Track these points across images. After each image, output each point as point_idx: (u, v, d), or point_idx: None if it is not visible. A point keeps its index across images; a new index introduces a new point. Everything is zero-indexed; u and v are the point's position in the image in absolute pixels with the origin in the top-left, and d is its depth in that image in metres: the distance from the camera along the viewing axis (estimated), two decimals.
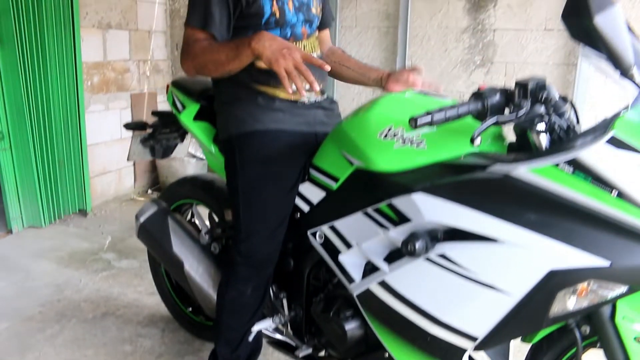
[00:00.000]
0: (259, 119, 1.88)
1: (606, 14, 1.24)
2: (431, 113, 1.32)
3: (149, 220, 2.27)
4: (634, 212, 1.23)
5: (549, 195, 1.30)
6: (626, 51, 1.26)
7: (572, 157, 1.27)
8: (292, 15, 1.89)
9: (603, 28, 1.24)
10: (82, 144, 4.11)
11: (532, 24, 4.17)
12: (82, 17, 4.01)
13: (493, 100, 1.39)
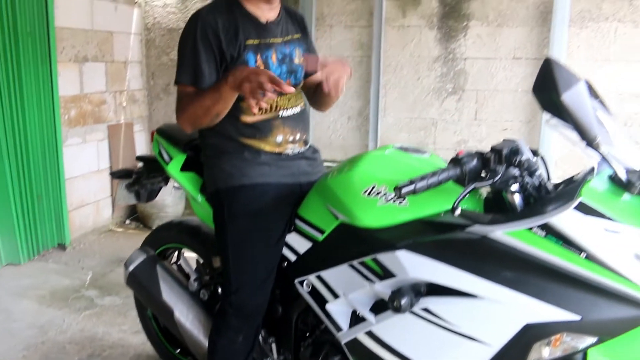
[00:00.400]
0: (246, 173, 1.95)
1: (572, 91, 1.35)
2: (414, 182, 1.41)
3: (138, 269, 2.31)
4: (601, 272, 1.33)
5: (524, 256, 1.40)
6: (591, 124, 1.37)
7: (544, 222, 1.38)
8: (275, 67, 1.96)
9: (570, 104, 1.35)
10: (60, 178, 4.11)
11: (501, 53, 4.33)
12: (59, 51, 4.04)
13: (470, 166, 1.49)
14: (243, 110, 1.94)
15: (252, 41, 1.91)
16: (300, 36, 2.10)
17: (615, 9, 4.09)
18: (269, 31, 1.96)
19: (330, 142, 4.76)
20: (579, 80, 1.38)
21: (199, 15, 1.88)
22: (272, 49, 1.95)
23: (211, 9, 1.90)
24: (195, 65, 1.84)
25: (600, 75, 4.19)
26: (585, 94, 1.38)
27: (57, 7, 3.95)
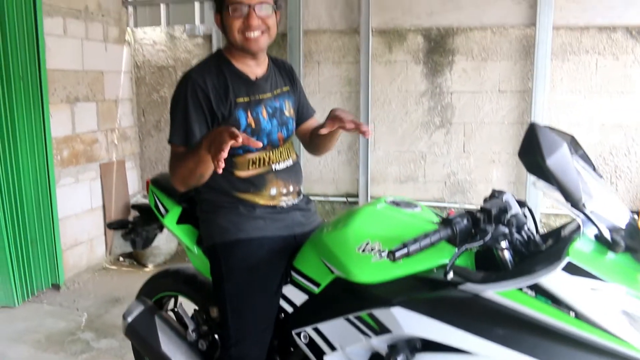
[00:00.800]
0: (242, 228, 1.99)
1: (556, 156, 1.41)
2: (407, 245, 1.46)
3: (136, 320, 2.33)
4: (590, 330, 1.38)
5: (516, 314, 1.45)
6: (575, 187, 1.43)
7: (533, 282, 1.43)
8: (266, 122, 2.02)
9: (554, 169, 1.41)
10: (53, 218, 4.14)
11: (487, 86, 4.42)
12: (51, 93, 4.08)
13: (461, 226, 1.54)
14: (237, 165, 1.99)
15: (242, 99, 1.96)
16: (289, 88, 2.16)
17: (594, 43, 4.19)
18: (258, 87, 2.02)
19: (322, 177, 4.81)
20: (562, 144, 1.43)
21: (189, 76, 1.93)
22: (262, 105, 2.01)
23: (201, 70, 1.96)
24: (186, 125, 1.90)
25: (584, 107, 4.29)
26: (568, 157, 1.43)
27: (48, 49, 4.01)
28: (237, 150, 1.96)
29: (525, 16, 4.26)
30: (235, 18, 1.88)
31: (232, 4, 1.87)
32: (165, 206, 2.32)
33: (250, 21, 1.87)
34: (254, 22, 1.88)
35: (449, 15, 4.39)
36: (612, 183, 4.32)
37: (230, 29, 1.91)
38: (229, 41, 1.97)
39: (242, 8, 1.87)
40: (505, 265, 1.60)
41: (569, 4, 4.19)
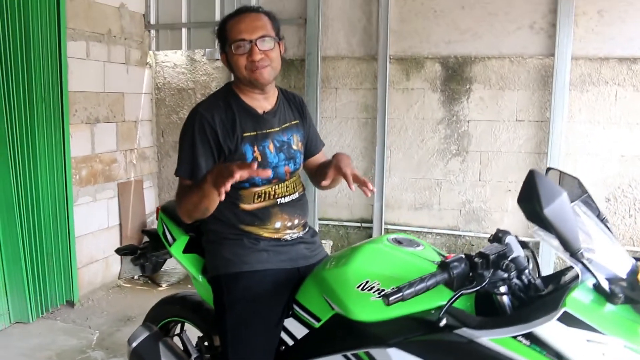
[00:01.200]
0: (246, 260, 2.01)
1: (555, 205, 1.40)
2: (402, 290, 1.46)
3: (141, 346, 2.36)
4: None
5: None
6: (574, 236, 1.42)
7: (528, 332, 1.41)
8: (273, 156, 2.04)
9: (552, 218, 1.40)
10: (70, 236, 4.20)
11: (504, 115, 4.40)
12: (72, 114, 4.17)
13: (459, 270, 1.53)
14: (242, 198, 2.02)
15: (248, 133, 1.99)
16: (298, 122, 2.18)
17: (614, 74, 4.16)
18: (265, 122, 2.04)
19: (337, 202, 4.83)
20: (561, 192, 1.42)
21: (197, 111, 1.98)
22: (269, 139, 2.04)
23: (209, 105, 2.00)
24: (193, 160, 1.93)
25: (603, 138, 4.24)
26: (567, 206, 1.42)
27: (70, 72, 4.10)
28: (244, 184, 1.98)
29: (544, 46, 4.25)
30: (239, 55, 1.93)
31: (235, 42, 1.92)
32: (173, 234, 2.35)
33: (254, 56, 1.92)
34: (257, 57, 1.92)
35: (466, 44, 4.39)
36: (631, 216, 4.26)
37: (236, 66, 1.96)
38: (237, 77, 2.01)
39: (244, 44, 1.92)
40: (503, 311, 1.59)
41: (589, 35, 4.16)
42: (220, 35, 2.00)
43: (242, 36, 1.92)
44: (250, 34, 1.92)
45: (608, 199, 4.29)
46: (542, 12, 4.23)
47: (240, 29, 1.93)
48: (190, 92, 5.12)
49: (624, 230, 4.29)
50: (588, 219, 1.65)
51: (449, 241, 4.64)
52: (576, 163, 4.31)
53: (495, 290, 1.58)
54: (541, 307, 1.47)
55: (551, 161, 4.24)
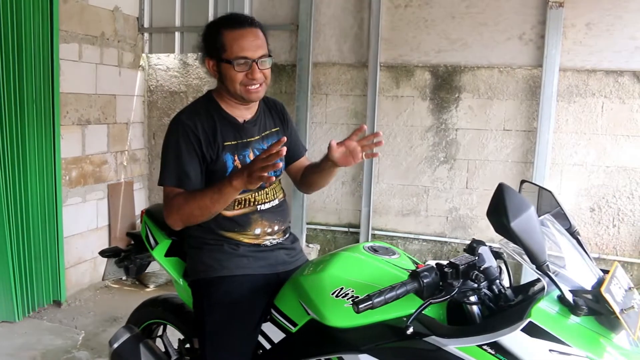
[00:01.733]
0: (225, 265, 2.04)
1: (522, 219, 1.44)
2: (372, 298, 1.49)
3: (122, 347, 2.39)
4: None
5: None
6: (540, 249, 1.46)
7: (492, 341, 1.45)
8: None
9: (519, 231, 1.43)
10: (58, 236, 4.22)
11: (492, 124, 4.45)
12: (63, 115, 4.19)
13: (429, 280, 1.56)
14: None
15: (229, 142, 2.02)
16: (279, 129, 2.22)
17: (601, 86, 4.21)
18: (246, 131, 2.08)
19: (325, 206, 4.86)
20: (529, 207, 1.46)
21: (180, 120, 1.99)
22: (250, 148, 2.07)
23: (191, 113, 2.02)
24: (179, 168, 1.95)
25: (589, 148, 4.29)
26: (534, 220, 1.46)
27: (62, 74, 4.13)
28: None
29: (533, 57, 4.30)
30: (239, 72, 1.93)
31: (237, 58, 1.92)
32: (156, 238, 2.38)
33: (255, 75, 1.94)
34: (257, 76, 1.95)
35: (456, 54, 4.44)
36: (615, 226, 4.31)
37: (230, 79, 1.96)
38: (226, 89, 2.02)
39: (247, 62, 1.93)
40: (473, 320, 1.63)
41: (577, 47, 4.22)
42: (212, 40, 1.98)
43: (245, 54, 1.92)
44: (253, 53, 1.93)
45: (593, 209, 4.34)
46: (532, 23, 4.28)
47: (243, 45, 1.93)
48: (183, 95, 5.15)
49: (608, 240, 4.34)
50: (557, 232, 1.69)
51: (435, 247, 4.68)
52: (562, 173, 4.36)
53: (465, 300, 1.62)
54: (507, 317, 1.51)
55: (537, 171, 4.29)
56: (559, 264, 1.59)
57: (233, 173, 1.81)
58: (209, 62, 2.03)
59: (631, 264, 4.32)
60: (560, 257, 1.62)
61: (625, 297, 1.54)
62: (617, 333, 1.49)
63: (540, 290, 1.56)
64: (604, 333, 1.48)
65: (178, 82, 5.16)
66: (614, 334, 1.49)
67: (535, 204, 1.92)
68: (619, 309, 1.45)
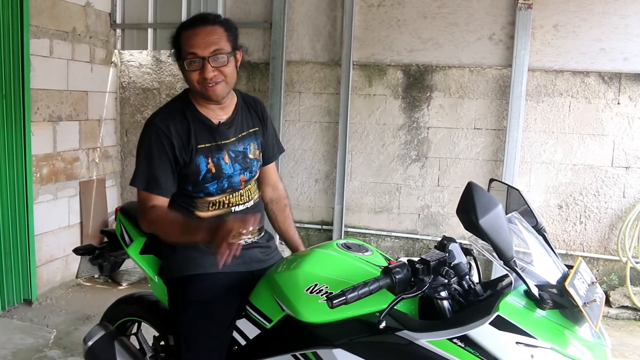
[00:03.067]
0: (199, 263, 2.06)
1: (490, 216, 1.49)
2: (345, 293, 1.53)
3: (96, 345, 2.39)
4: None
5: None
6: (507, 245, 1.51)
7: (462, 334, 1.50)
8: (228, 167, 2.06)
9: (487, 228, 1.48)
10: (29, 234, 4.17)
11: (463, 123, 4.53)
12: (34, 112, 4.14)
13: (400, 276, 1.60)
14: (197, 206, 2.07)
15: (203, 145, 2.01)
16: (257, 129, 2.20)
17: (568, 86, 4.32)
18: (220, 133, 2.06)
19: (298, 204, 4.89)
20: (497, 205, 1.51)
21: (154, 123, 1.99)
22: (224, 151, 2.06)
23: (165, 116, 2.01)
24: (149, 173, 1.96)
25: (556, 147, 4.40)
26: (502, 217, 1.51)
27: (33, 69, 4.08)
28: (198, 193, 2.04)
29: (502, 57, 4.39)
30: (192, 70, 1.92)
31: (187, 57, 1.91)
32: (131, 236, 2.38)
33: (206, 74, 1.90)
34: (209, 75, 1.90)
35: (428, 53, 4.51)
36: (582, 222, 4.42)
37: (189, 80, 1.95)
38: (192, 91, 2.03)
39: (197, 60, 1.90)
40: (443, 314, 1.67)
41: (545, 48, 4.32)
42: (175, 43, 1.97)
43: (194, 51, 1.90)
44: (203, 50, 1.89)
45: (560, 206, 4.45)
46: (501, 24, 4.37)
47: (192, 43, 1.90)
48: (155, 92, 5.13)
49: (575, 237, 4.46)
50: (525, 229, 1.75)
51: (407, 244, 4.74)
52: (531, 171, 4.46)
53: (435, 295, 1.66)
54: (476, 311, 1.56)
55: (507, 169, 4.39)
56: (525, 260, 1.65)
57: (201, 227, 1.81)
58: (179, 64, 2.00)
59: (597, 259, 4.44)
60: (527, 253, 1.68)
61: (588, 291, 1.61)
62: (580, 326, 1.56)
63: (508, 285, 1.61)
64: (568, 326, 1.55)
65: (151, 79, 5.14)
66: (577, 326, 1.56)
67: (504, 202, 1.98)
68: (581, 303, 1.51)
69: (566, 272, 1.67)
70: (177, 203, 2.07)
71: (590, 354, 1.53)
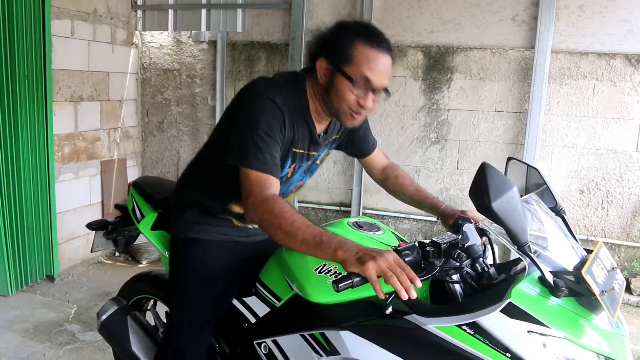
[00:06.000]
0: (206, 229, 2.04)
1: (503, 199, 1.44)
2: (351, 277, 1.49)
3: (109, 319, 2.42)
4: None
5: (456, 350, 1.49)
6: (521, 230, 1.47)
7: (471, 321, 1.48)
8: (298, 175, 2.00)
9: (500, 212, 1.44)
10: (51, 212, 4.24)
11: (483, 106, 4.46)
12: (55, 92, 4.19)
13: (410, 258, 1.57)
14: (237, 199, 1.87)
15: (298, 150, 1.88)
16: (337, 136, 2.07)
17: (593, 68, 4.22)
18: (316, 146, 1.94)
19: (317, 185, 4.88)
20: (511, 187, 1.47)
21: (272, 100, 1.74)
22: (309, 161, 1.97)
23: (285, 100, 1.77)
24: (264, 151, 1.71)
25: (579, 131, 4.32)
26: (516, 200, 1.47)
27: (55, 50, 4.11)
28: None
29: (525, 39, 4.30)
30: (353, 92, 1.72)
31: (362, 79, 1.70)
32: (142, 211, 2.39)
33: (367, 104, 1.74)
34: (369, 105, 1.75)
35: (449, 34, 4.44)
36: (604, 208, 4.35)
37: (340, 97, 1.74)
38: (326, 99, 1.80)
39: (367, 86, 1.71)
40: (455, 298, 1.65)
41: (569, 29, 4.22)
42: (339, 44, 1.73)
43: (373, 79, 1.70)
44: (380, 82, 1.72)
45: (582, 191, 4.38)
46: (524, 5, 4.27)
47: (374, 69, 1.70)
48: (176, 73, 5.14)
49: (596, 222, 4.39)
50: (542, 212, 1.71)
51: (425, 227, 4.72)
52: (552, 155, 4.39)
53: (447, 278, 1.64)
54: (487, 297, 1.52)
55: (527, 152, 4.32)
56: (541, 245, 1.61)
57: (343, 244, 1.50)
58: (322, 62, 1.76)
59: (618, 246, 4.37)
60: (544, 237, 1.64)
61: (607, 278, 1.56)
62: (597, 314, 1.51)
63: (521, 271, 1.57)
64: (584, 314, 1.50)
65: (171, 59, 5.15)
66: (594, 315, 1.51)
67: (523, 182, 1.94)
68: (599, 291, 1.46)
69: (584, 257, 1.62)
70: (214, 184, 1.98)
71: (606, 343, 1.49)
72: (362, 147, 2.21)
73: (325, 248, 1.50)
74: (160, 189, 2.43)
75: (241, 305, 2.09)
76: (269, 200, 1.64)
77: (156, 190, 2.42)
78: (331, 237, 1.52)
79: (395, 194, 2.27)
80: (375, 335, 1.63)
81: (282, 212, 1.59)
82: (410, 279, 1.38)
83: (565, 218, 1.83)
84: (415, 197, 2.20)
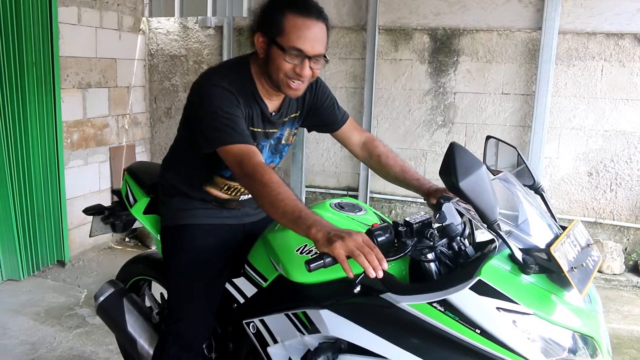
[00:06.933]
0: (194, 214, 2.09)
1: (471, 179, 1.45)
2: (323, 257, 1.51)
3: (106, 301, 2.48)
4: (494, 347, 1.44)
5: (428, 327, 1.51)
6: (490, 208, 1.47)
7: (441, 299, 1.49)
8: (267, 156, 2.03)
9: (468, 190, 1.45)
10: (61, 197, 4.32)
11: (490, 88, 4.43)
12: (63, 79, 4.24)
13: (382, 238, 1.58)
14: (211, 182, 2.02)
15: (254, 129, 1.92)
16: (297, 114, 2.08)
17: (601, 49, 4.16)
18: (272, 124, 1.96)
19: (324, 169, 4.90)
20: (480, 166, 1.47)
21: (220, 86, 1.80)
22: (270, 139, 2.00)
23: (232, 82, 1.82)
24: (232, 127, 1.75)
25: (587, 112, 4.26)
26: (484, 179, 1.47)
27: (62, 37, 4.16)
28: (223, 172, 1.97)
29: (532, 20, 4.25)
30: (288, 62, 1.75)
31: (292, 49, 1.72)
32: (135, 196, 2.44)
33: (303, 71, 1.75)
34: (305, 73, 1.76)
35: (455, 16, 4.40)
36: (612, 190, 4.30)
37: (277, 68, 1.77)
38: (267, 73, 1.83)
39: (301, 55, 1.73)
40: (430, 277, 1.66)
41: (577, 9, 4.15)
42: (271, 17, 1.77)
43: (302, 47, 1.71)
44: (311, 49, 1.73)
45: (590, 173, 4.33)
46: None
47: (303, 37, 1.71)
48: (183, 59, 5.18)
49: (604, 205, 4.34)
50: (519, 190, 1.71)
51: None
52: (560, 137, 4.34)
53: (422, 258, 1.65)
54: (458, 275, 1.54)
55: (535, 135, 4.28)
56: (514, 223, 1.61)
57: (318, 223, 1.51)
58: (259, 37, 1.80)
59: (627, 228, 4.32)
60: (517, 215, 1.64)
61: (580, 255, 1.57)
62: (569, 290, 1.52)
63: (493, 249, 1.59)
64: (556, 291, 1.51)
65: (178, 45, 5.18)
66: (566, 291, 1.52)
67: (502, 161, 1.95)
68: (567, 267, 1.47)
69: (558, 234, 1.63)
70: (186, 170, 2.07)
71: (579, 319, 1.49)
72: (330, 121, 2.15)
73: (301, 224, 1.53)
74: (152, 174, 2.47)
75: (231, 286, 2.14)
76: (258, 167, 1.68)
77: (149, 175, 2.46)
78: (309, 214, 1.55)
79: (380, 174, 2.20)
80: (352, 314, 1.65)
81: (270, 182, 1.63)
82: (378, 259, 1.39)
83: (544, 196, 1.84)
84: (400, 178, 2.12)
